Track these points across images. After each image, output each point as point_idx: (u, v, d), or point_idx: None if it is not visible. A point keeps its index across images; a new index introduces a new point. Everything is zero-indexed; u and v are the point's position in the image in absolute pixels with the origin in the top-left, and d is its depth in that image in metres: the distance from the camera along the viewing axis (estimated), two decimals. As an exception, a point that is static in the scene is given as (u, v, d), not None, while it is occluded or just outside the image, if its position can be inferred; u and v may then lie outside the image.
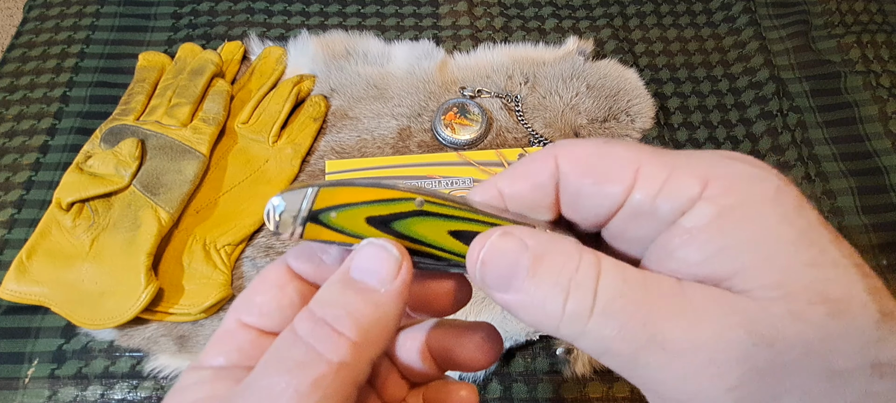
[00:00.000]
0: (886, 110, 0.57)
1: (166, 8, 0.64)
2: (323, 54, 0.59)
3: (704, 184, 0.16)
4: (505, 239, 0.17)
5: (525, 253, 0.17)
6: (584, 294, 0.16)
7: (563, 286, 0.16)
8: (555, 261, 0.17)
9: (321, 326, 0.17)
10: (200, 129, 0.51)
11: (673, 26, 0.64)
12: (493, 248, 0.17)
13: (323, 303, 0.17)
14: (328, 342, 0.16)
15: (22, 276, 0.44)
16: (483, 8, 0.65)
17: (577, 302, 0.16)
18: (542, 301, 0.16)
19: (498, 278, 0.17)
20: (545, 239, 0.17)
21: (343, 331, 0.16)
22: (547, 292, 0.16)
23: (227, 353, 0.19)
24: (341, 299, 0.17)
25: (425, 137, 0.55)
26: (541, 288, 0.16)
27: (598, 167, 0.17)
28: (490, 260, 0.17)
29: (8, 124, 0.55)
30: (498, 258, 0.17)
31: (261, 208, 0.49)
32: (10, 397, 0.43)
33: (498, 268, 0.17)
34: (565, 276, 0.16)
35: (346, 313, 0.17)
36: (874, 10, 0.63)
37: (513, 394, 0.44)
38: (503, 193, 0.19)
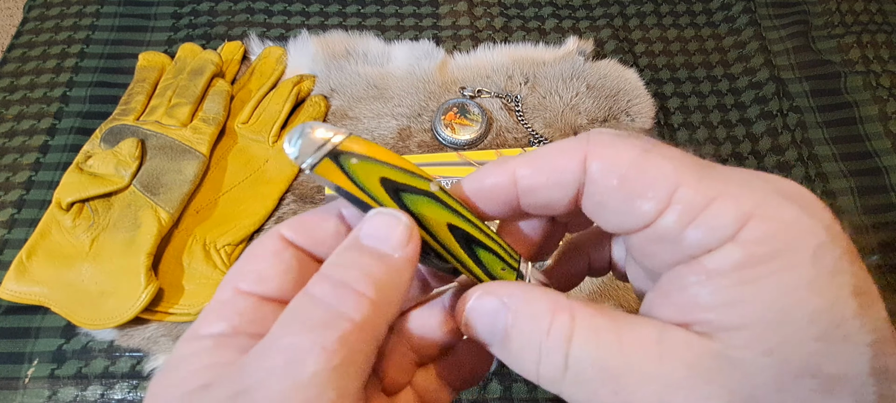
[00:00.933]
0: (886, 110, 0.57)
1: (166, 8, 0.64)
2: (323, 54, 0.59)
3: (743, 222, 0.15)
4: (484, 298, 0.18)
5: (503, 314, 0.17)
6: (554, 359, 0.16)
7: (534, 352, 0.16)
8: (528, 325, 0.17)
9: (340, 287, 0.17)
10: (200, 129, 0.51)
11: (673, 26, 0.64)
12: (472, 311, 0.18)
13: (338, 267, 0.18)
14: (349, 301, 0.16)
15: (22, 276, 0.44)
16: (483, 8, 0.65)
17: (548, 368, 0.16)
18: (519, 362, 0.17)
19: (481, 336, 0.18)
20: (521, 297, 0.17)
21: (363, 291, 0.17)
22: (521, 355, 0.17)
23: (228, 319, 0.18)
24: (357, 262, 0.17)
25: (425, 137, 0.55)
26: (515, 353, 0.17)
27: (632, 180, 0.16)
28: (472, 323, 0.18)
29: (8, 124, 0.55)
30: (479, 319, 0.18)
31: (261, 208, 0.49)
32: (10, 397, 0.43)
33: (480, 329, 0.18)
34: (535, 341, 0.16)
35: (364, 274, 0.17)
36: (874, 10, 0.63)
37: (513, 394, 0.44)
38: (518, 182, 0.18)
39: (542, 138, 0.54)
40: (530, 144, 0.54)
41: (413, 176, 0.18)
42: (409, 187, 0.18)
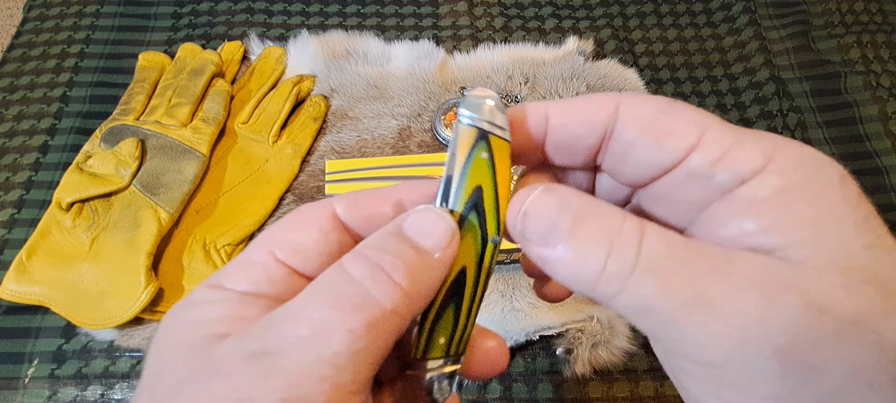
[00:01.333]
0: (886, 110, 0.57)
1: (166, 8, 0.64)
2: (323, 54, 0.59)
3: (769, 158, 0.16)
4: (549, 193, 0.17)
5: (568, 210, 0.17)
6: (626, 251, 0.16)
7: (605, 244, 0.16)
8: (598, 220, 0.16)
9: (377, 270, 0.16)
10: (200, 129, 0.51)
11: (673, 26, 0.64)
12: (536, 201, 0.17)
13: (377, 249, 0.17)
14: (384, 287, 0.16)
15: (22, 276, 0.44)
16: (483, 8, 0.65)
17: (619, 260, 0.16)
18: (583, 258, 0.16)
19: (538, 232, 0.17)
20: (588, 198, 0.17)
21: (399, 280, 0.16)
22: (588, 248, 0.16)
23: (256, 282, 0.18)
24: (397, 249, 0.17)
25: (425, 137, 0.55)
26: (582, 244, 0.16)
27: (661, 124, 0.17)
28: (533, 212, 0.17)
29: (8, 124, 0.55)
30: (541, 210, 0.17)
31: (261, 208, 0.50)
32: (10, 397, 0.43)
33: (540, 222, 0.17)
34: (608, 234, 0.16)
35: (403, 262, 0.17)
36: (874, 10, 0.63)
37: (513, 394, 0.44)
38: (549, 119, 0.19)
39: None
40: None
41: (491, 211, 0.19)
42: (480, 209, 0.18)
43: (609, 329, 0.44)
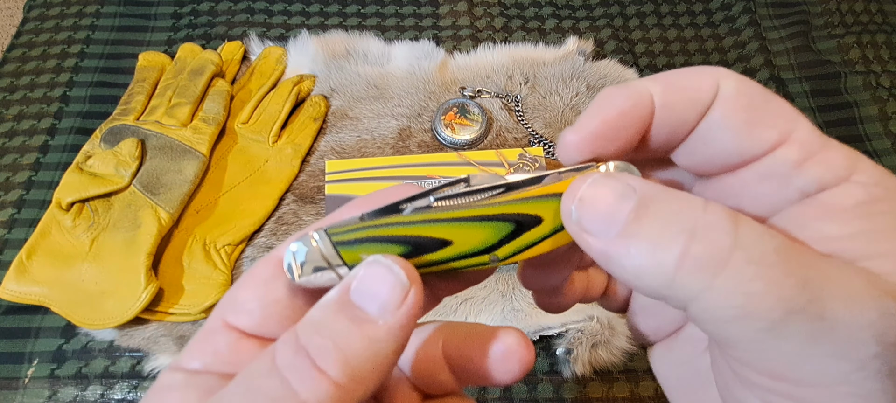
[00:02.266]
0: (886, 110, 0.57)
1: (166, 8, 0.64)
2: (323, 54, 0.59)
3: (852, 170, 0.15)
4: (608, 177, 0.15)
5: (632, 193, 0.15)
6: (719, 235, 0.13)
7: (686, 225, 0.14)
8: (673, 203, 0.14)
9: (301, 358, 0.14)
10: (200, 129, 0.51)
11: (673, 26, 0.64)
12: (594, 185, 0.15)
13: (310, 328, 0.15)
14: (306, 380, 0.14)
15: (22, 276, 0.44)
16: (483, 8, 0.65)
17: (707, 246, 0.13)
18: (656, 245, 0.14)
19: (597, 220, 0.15)
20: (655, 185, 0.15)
21: (325, 368, 0.14)
22: (662, 234, 0.14)
23: (204, 356, 0.16)
24: (331, 327, 0.15)
25: (425, 137, 0.55)
26: (654, 228, 0.14)
27: (758, 108, 0.16)
28: (590, 198, 0.15)
29: (8, 124, 0.55)
30: (600, 195, 0.15)
31: (261, 208, 0.49)
32: (10, 397, 0.43)
33: (599, 207, 0.15)
34: (690, 216, 0.14)
35: (333, 345, 0.14)
36: (874, 10, 0.63)
37: (513, 394, 0.44)
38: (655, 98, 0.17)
39: (542, 138, 0.54)
40: (530, 144, 0.54)
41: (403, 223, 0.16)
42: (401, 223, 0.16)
43: (609, 329, 0.44)
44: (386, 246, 0.16)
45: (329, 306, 0.15)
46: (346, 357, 0.14)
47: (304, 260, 0.16)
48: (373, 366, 0.15)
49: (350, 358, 0.14)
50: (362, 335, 0.15)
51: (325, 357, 0.14)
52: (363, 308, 0.15)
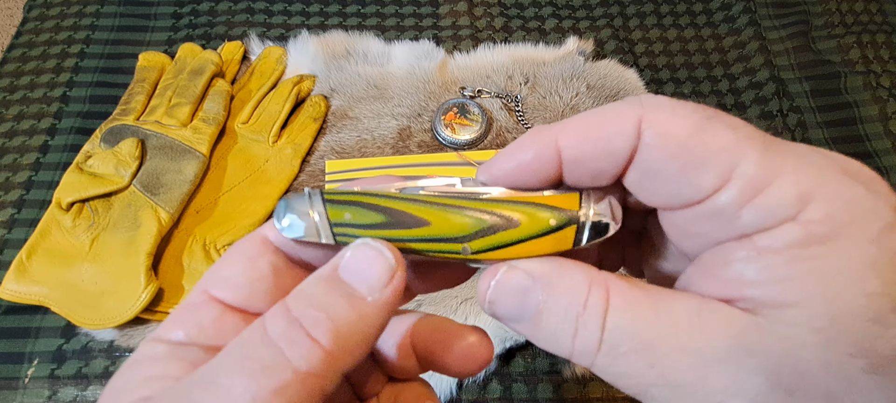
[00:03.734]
0: (886, 110, 0.57)
1: (166, 8, 0.64)
2: (323, 54, 0.59)
3: (805, 202, 0.14)
4: (512, 274, 0.17)
5: (533, 289, 0.16)
6: (591, 332, 0.15)
7: (570, 323, 0.16)
8: (562, 298, 0.16)
9: (295, 328, 0.15)
10: (200, 129, 0.51)
11: (673, 26, 0.64)
12: (499, 287, 0.17)
13: (302, 300, 0.16)
14: (299, 347, 0.15)
15: (22, 276, 0.44)
16: (483, 8, 0.65)
17: (584, 341, 0.16)
18: (553, 336, 0.16)
19: (508, 314, 0.17)
20: (553, 271, 0.16)
21: (318, 338, 0.15)
22: (557, 328, 0.16)
23: (187, 328, 0.17)
24: (323, 300, 0.16)
25: (425, 137, 0.55)
26: (550, 323, 0.16)
27: (692, 149, 0.15)
28: (497, 300, 0.17)
29: (8, 124, 0.55)
30: (506, 297, 0.17)
31: (261, 208, 0.49)
32: (10, 397, 0.43)
33: (507, 307, 0.17)
34: (572, 313, 0.16)
35: (326, 317, 0.15)
36: (874, 10, 0.63)
37: (513, 394, 0.44)
38: (562, 152, 0.17)
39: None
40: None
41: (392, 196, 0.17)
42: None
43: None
44: (369, 212, 0.17)
45: (320, 281, 0.16)
46: (337, 328, 0.15)
47: (293, 209, 0.17)
48: (360, 339, 0.16)
49: (341, 329, 0.15)
50: (353, 308, 0.16)
51: (317, 328, 0.15)
52: (352, 285, 0.16)
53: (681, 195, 0.15)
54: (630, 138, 0.15)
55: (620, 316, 0.15)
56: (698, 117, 0.15)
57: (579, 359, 0.16)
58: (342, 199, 0.17)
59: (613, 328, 0.15)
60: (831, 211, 0.14)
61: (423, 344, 0.21)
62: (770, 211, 0.14)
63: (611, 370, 0.16)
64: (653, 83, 0.59)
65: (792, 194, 0.14)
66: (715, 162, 0.15)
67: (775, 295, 0.14)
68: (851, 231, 0.14)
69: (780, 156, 0.14)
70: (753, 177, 0.14)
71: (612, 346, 0.15)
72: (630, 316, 0.15)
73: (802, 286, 0.14)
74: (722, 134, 0.15)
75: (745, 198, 0.14)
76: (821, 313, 0.14)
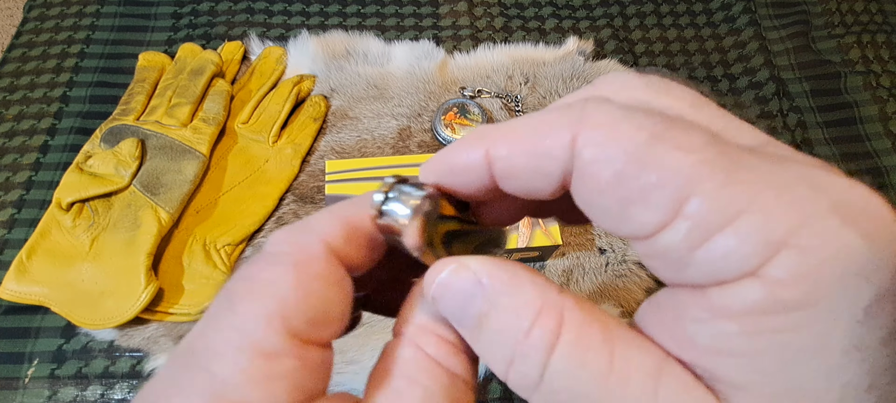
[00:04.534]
0: (886, 110, 0.57)
1: (166, 8, 0.64)
2: (323, 54, 0.59)
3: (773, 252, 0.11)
4: (459, 275, 0.14)
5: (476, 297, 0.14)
6: (528, 369, 0.13)
7: (507, 348, 0.13)
8: (503, 320, 0.14)
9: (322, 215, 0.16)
10: (200, 129, 0.51)
11: (673, 26, 0.64)
12: (441, 287, 0.15)
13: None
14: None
15: (22, 276, 0.44)
16: (483, 8, 0.65)
17: (518, 376, 0.14)
18: (487, 357, 0.14)
19: (450, 315, 0.15)
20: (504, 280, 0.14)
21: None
22: (491, 352, 0.14)
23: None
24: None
25: (425, 137, 0.55)
26: (484, 344, 0.14)
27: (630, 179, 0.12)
28: (439, 298, 0.15)
29: (8, 124, 0.55)
30: (449, 297, 0.15)
31: (261, 208, 0.49)
32: (10, 397, 0.43)
33: (448, 308, 0.15)
34: (510, 341, 0.13)
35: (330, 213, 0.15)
36: (874, 10, 0.63)
37: (513, 394, 0.44)
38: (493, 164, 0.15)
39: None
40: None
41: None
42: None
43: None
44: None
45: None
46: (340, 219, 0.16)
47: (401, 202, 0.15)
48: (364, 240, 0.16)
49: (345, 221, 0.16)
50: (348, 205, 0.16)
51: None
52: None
53: (621, 229, 0.13)
54: (562, 161, 0.13)
55: (567, 357, 0.13)
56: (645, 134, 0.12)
57: (515, 388, 0.14)
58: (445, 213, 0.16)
59: (556, 370, 0.13)
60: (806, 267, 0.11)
61: None
62: (725, 260, 0.11)
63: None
64: (653, 83, 0.59)
65: (756, 240, 0.11)
66: (657, 195, 0.12)
67: (727, 372, 0.12)
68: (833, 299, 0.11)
69: (750, 186, 0.11)
70: (707, 215, 0.11)
71: (552, 390, 0.13)
72: (578, 360, 0.13)
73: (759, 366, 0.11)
74: (671, 157, 0.12)
75: (694, 243, 0.12)
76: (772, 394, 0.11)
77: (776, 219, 0.11)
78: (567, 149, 0.13)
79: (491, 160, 0.14)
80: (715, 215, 0.11)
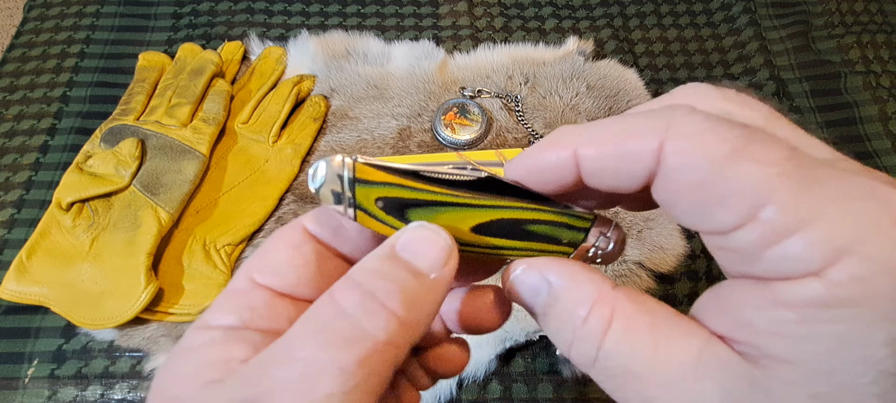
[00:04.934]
0: (886, 110, 0.57)
1: (166, 8, 0.64)
2: (323, 54, 0.59)
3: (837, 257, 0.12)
4: (529, 274, 0.18)
5: (542, 291, 0.17)
6: (587, 348, 0.16)
7: (569, 333, 0.16)
8: (565, 309, 0.17)
9: (369, 299, 0.16)
10: (200, 129, 0.51)
11: (673, 26, 0.64)
12: (516, 282, 0.18)
13: (372, 275, 0.16)
14: (377, 317, 0.15)
15: (22, 276, 0.44)
16: (483, 8, 0.65)
17: (579, 353, 0.16)
18: (554, 338, 0.17)
19: (522, 304, 0.18)
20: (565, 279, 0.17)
21: (393, 308, 0.15)
22: (557, 334, 0.17)
23: (239, 312, 0.17)
24: (392, 274, 0.16)
25: (425, 137, 0.55)
26: (552, 328, 0.17)
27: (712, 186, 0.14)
28: (513, 291, 0.18)
29: (8, 124, 0.55)
30: (521, 291, 0.18)
31: (261, 208, 0.49)
32: (10, 397, 0.43)
33: (521, 299, 0.18)
34: (571, 327, 0.16)
35: (399, 289, 0.16)
36: (874, 10, 0.63)
37: (513, 394, 0.44)
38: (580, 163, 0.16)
39: (542, 138, 0.54)
40: (530, 144, 0.54)
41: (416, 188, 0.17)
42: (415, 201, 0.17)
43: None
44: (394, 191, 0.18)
45: (383, 259, 0.17)
46: (410, 299, 0.16)
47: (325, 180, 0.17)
48: (427, 312, 0.17)
49: (413, 301, 0.16)
50: (420, 283, 0.16)
51: (392, 298, 0.16)
52: (414, 263, 0.17)
53: (699, 224, 0.15)
54: (648, 164, 0.15)
55: (618, 341, 0.15)
56: (728, 146, 0.13)
57: (577, 364, 0.17)
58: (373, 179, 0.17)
59: (608, 351, 0.16)
60: (863, 273, 0.12)
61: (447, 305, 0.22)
62: (792, 261, 0.13)
63: (604, 384, 0.16)
64: (653, 83, 0.59)
65: (822, 248, 0.12)
66: (737, 201, 0.13)
67: (777, 349, 0.13)
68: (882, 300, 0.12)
69: (819, 198, 0.13)
70: (780, 222, 0.13)
71: (605, 368, 0.16)
72: (627, 344, 0.15)
73: (809, 347, 0.13)
74: (749, 170, 0.13)
75: (766, 243, 0.13)
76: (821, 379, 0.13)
77: (842, 230, 0.12)
78: (654, 154, 0.14)
79: (579, 160, 0.16)
80: (787, 222, 0.13)
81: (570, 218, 0.18)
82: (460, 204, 0.18)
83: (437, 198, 0.17)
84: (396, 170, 0.17)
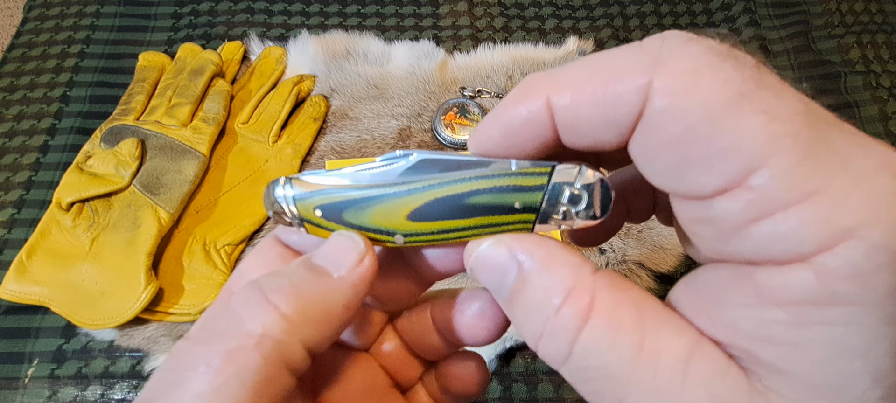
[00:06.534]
0: (886, 110, 0.57)
1: (166, 8, 0.64)
2: (323, 54, 0.59)
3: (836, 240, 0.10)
4: (494, 250, 0.15)
5: (510, 272, 0.15)
6: (558, 344, 0.13)
7: (538, 324, 0.14)
8: (535, 296, 0.14)
9: (253, 292, 0.15)
10: (200, 129, 0.51)
11: (673, 26, 0.64)
12: (480, 259, 0.15)
13: (270, 275, 0.16)
14: (256, 310, 0.15)
15: (22, 276, 0.44)
16: (483, 8, 0.65)
17: (548, 349, 0.14)
18: (519, 329, 0.15)
19: (488, 286, 0.16)
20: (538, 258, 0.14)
21: (275, 301, 0.15)
22: (523, 324, 0.15)
23: None
24: (291, 273, 0.16)
25: (425, 137, 0.55)
26: (518, 317, 0.15)
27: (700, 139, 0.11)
28: (477, 270, 0.16)
29: (8, 124, 0.55)
30: (485, 270, 0.15)
31: (261, 208, 0.49)
32: (10, 397, 0.43)
33: (486, 280, 0.16)
34: (541, 317, 0.14)
35: (289, 284, 0.15)
36: (874, 10, 0.63)
37: (513, 394, 0.44)
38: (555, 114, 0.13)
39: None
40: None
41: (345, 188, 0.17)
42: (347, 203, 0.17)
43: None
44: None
45: (296, 264, 0.17)
46: (298, 292, 0.15)
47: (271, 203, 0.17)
48: (323, 309, 0.15)
49: (302, 295, 0.15)
50: (318, 280, 0.16)
51: (276, 292, 0.15)
52: (323, 265, 0.16)
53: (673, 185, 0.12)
54: (636, 107, 0.12)
55: (597, 337, 0.13)
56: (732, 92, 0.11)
57: (546, 361, 0.14)
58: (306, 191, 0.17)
59: (585, 348, 0.13)
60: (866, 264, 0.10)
61: (441, 317, 0.20)
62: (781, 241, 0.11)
63: (578, 386, 0.14)
64: (653, 83, 0.59)
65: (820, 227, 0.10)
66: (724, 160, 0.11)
67: (770, 357, 0.11)
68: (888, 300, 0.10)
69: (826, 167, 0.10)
70: (774, 191, 0.10)
71: (580, 369, 0.13)
72: (608, 341, 0.13)
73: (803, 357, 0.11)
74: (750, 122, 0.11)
75: (751, 216, 0.11)
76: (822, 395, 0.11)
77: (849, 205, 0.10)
78: (642, 92, 0.12)
79: (553, 111, 0.13)
80: (782, 192, 0.10)
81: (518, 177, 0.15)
82: (389, 195, 0.16)
83: (364, 196, 0.17)
84: (329, 175, 0.17)
